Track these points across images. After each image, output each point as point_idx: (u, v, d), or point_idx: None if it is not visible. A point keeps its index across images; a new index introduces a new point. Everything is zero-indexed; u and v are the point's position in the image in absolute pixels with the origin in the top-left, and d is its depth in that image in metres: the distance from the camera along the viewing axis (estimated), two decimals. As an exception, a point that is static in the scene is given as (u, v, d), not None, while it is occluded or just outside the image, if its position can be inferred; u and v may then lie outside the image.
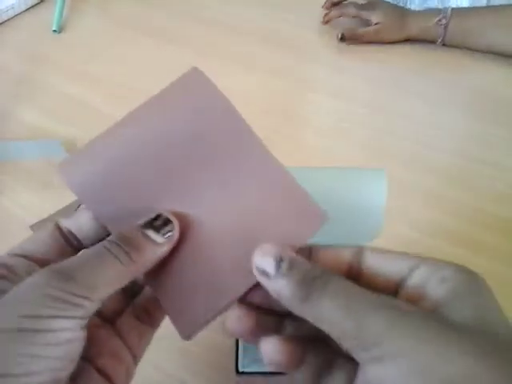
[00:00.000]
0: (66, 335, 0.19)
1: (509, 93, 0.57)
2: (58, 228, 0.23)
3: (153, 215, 0.22)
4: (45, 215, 0.44)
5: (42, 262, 0.22)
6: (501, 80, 0.59)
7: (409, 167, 0.48)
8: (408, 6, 0.73)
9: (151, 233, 0.22)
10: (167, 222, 0.22)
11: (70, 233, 0.23)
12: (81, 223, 0.23)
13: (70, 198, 0.45)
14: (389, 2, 0.67)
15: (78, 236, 0.23)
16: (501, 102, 0.56)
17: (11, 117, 0.56)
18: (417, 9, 0.71)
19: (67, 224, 0.23)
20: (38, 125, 0.55)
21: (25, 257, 0.21)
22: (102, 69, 0.63)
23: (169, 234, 0.22)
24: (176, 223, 0.22)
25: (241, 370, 0.30)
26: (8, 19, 0.72)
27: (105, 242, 0.21)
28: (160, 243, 0.22)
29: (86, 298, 0.19)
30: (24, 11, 0.74)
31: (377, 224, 0.29)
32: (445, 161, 0.49)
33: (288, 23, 0.71)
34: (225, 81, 0.68)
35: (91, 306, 0.19)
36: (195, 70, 0.25)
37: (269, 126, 0.54)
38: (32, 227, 0.43)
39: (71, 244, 0.23)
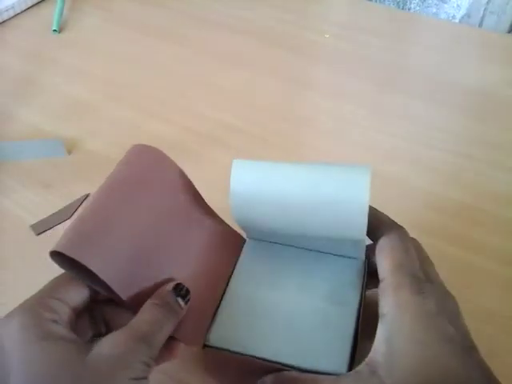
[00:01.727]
0: None
1: (509, 93, 0.57)
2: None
3: (174, 283, 0.27)
4: (45, 215, 0.44)
5: (75, 310, 0.26)
6: (501, 80, 0.59)
7: (409, 167, 0.48)
8: (408, 6, 0.73)
9: (179, 299, 0.27)
10: (187, 291, 0.27)
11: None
12: None
13: (70, 198, 0.45)
14: None
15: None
16: (501, 102, 0.56)
17: (11, 117, 0.56)
18: (417, 8, 0.71)
19: None
20: (38, 125, 0.55)
21: (63, 303, 0.25)
22: (102, 68, 0.63)
23: (187, 300, 0.27)
24: (189, 292, 0.28)
25: (206, 342, 0.27)
26: (8, 19, 0.72)
27: (158, 308, 0.26)
28: (183, 307, 0.27)
29: (154, 359, 0.24)
30: (24, 11, 0.74)
31: (359, 220, 0.28)
32: (445, 161, 0.49)
33: (288, 23, 0.71)
34: (224, 81, 0.68)
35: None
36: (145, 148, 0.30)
37: (268, 126, 0.53)
38: (32, 227, 0.43)
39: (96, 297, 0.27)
